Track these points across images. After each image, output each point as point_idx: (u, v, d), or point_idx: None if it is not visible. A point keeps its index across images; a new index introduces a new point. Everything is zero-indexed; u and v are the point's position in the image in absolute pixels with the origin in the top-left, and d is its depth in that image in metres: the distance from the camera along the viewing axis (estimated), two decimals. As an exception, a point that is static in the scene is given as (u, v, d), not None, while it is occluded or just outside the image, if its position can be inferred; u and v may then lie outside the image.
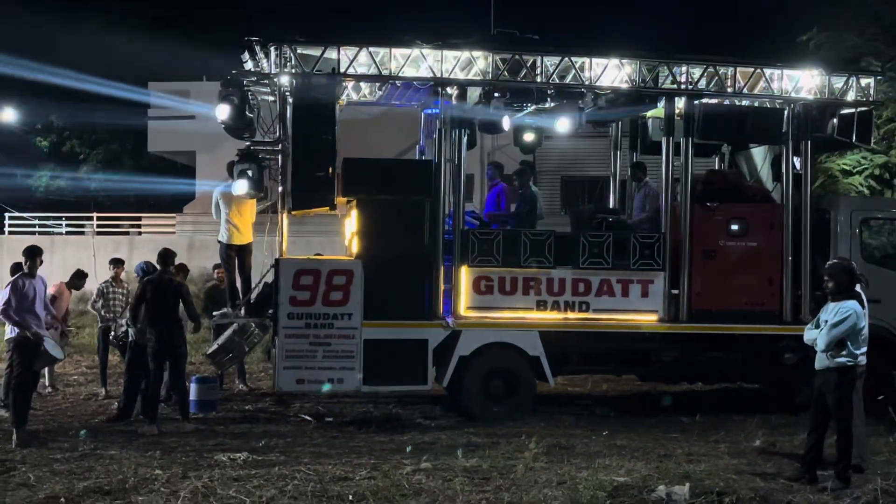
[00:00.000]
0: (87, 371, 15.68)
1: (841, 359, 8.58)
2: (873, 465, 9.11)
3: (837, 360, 8.59)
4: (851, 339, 8.55)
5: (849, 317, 8.51)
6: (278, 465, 8.81)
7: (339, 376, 11.30)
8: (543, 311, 11.87)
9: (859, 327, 8.56)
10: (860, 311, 8.60)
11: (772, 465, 9.22)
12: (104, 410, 12.16)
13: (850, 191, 17.74)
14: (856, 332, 8.54)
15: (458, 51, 11.67)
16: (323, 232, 21.21)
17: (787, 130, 12.50)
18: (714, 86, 12.32)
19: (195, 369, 14.56)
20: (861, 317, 8.59)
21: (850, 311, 8.53)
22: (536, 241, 11.86)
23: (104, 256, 17.11)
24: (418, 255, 11.62)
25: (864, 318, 8.62)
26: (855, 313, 8.53)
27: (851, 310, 8.54)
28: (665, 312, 12.06)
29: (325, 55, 11.35)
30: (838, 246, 12.58)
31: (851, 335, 8.54)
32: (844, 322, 8.50)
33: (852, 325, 8.51)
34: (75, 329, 17.04)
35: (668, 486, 8.05)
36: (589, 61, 11.93)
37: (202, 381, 12.28)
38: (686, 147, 12.23)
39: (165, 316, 11.21)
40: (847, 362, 8.57)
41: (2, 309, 10.30)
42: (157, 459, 9.13)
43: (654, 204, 12.98)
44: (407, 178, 11.95)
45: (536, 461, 8.97)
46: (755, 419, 11.25)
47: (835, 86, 12.51)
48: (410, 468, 8.73)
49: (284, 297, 11.23)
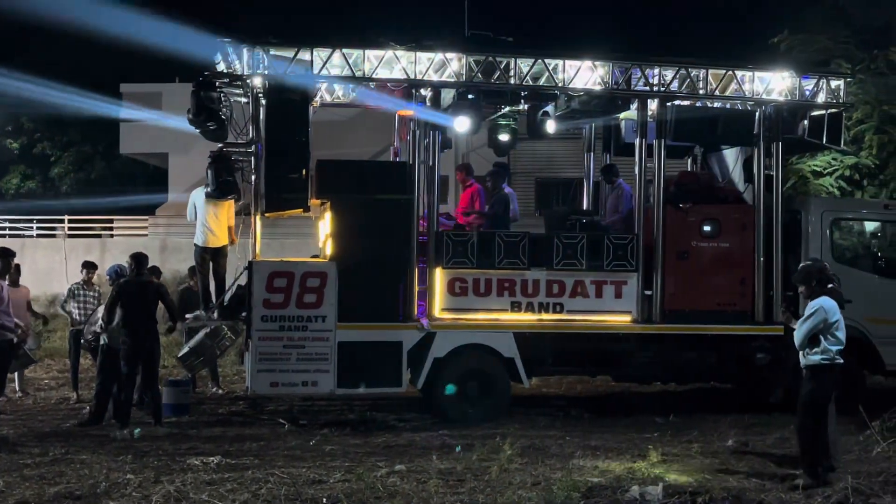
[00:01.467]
0: (59, 375, 15.54)
1: (815, 356, 8.64)
2: (844, 463, 9.18)
3: (811, 357, 8.67)
4: (825, 334, 8.61)
5: (817, 311, 8.59)
6: (252, 469, 8.76)
7: (313, 379, 11.25)
8: (518, 312, 11.89)
9: (831, 322, 8.61)
10: (829, 307, 8.65)
11: (744, 465, 9.28)
12: (75, 415, 12.05)
13: (821, 192, 17.92)
14: (828, 326, 8.61)
15: (432, 52, 11.67)
16: (297, 234, 21.12)
17: (759, 132, 12.59)
18: (686, 88, 12.40)
19: (168, 373, 14.45)
20: (831, 312, 8.63)
21: (818, 305, 8.61)
22: (511, 242, 11.87)
23: (75, 259, 17.00)
24: (392, 257, 11.60)
25: (836, 313, 8.67)
26: (823, 308, 8.60)
27: (819, 305, 8.61)
28: (638, 313, 12.11)
29: (298, 56, 11.31)
30: (809, 246, 12.70)
31: (824, 330, 8.60)
32: (813, 316, 8.59)
33: (822, 319, 8.57)
34: (45, 332, 16.88)
35: (642, 486, 8.09)
36: (562, 63, 11.97)
37: (175, 385, 12.20)
38: (659, 149, 12.30)
39: (141, 318, 11.11)
40: (822, 360, 8.63)
41: None
42: (129, 464, 9.04)
43: (627, 205, 13.05)
44: (381, 179, 11.94)
45: (511, 462, 8.98)
46: (728, 419, 11.34)
47: (805, 88, 12.63)
48: (385, 471, 8.71)
49: (258, 300, 11.18)
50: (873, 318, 12.65)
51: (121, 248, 24.36)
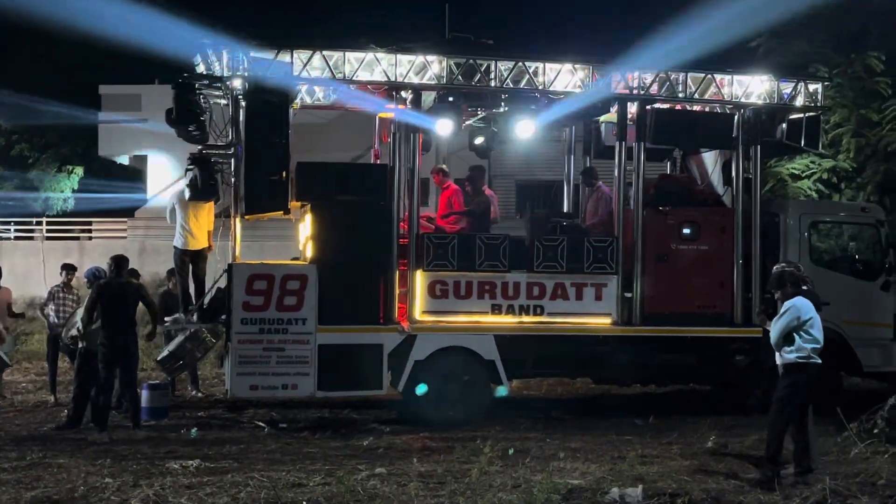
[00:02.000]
0: (37, 378, 15.41)
1: (791, 355, 8.73)
2: (822, 465, 9.24)
3: (787, 355, 8.75)
4: (799, 332, 8.68)
5: (789, 309, 8.70)
6: (231, 472, 8.74)
7: (293, 382, 11.22)
8: (498, 314, 11.90)
9: (804, 319, 8.68)
10: (802, 305, 8.71)
11: (724, 466, 9.33)
12: (53, 418, 11.96)
13: (799, 195, 18.02)
14: (801, 324, 8.67)
15: (413, 55, 11.67)
16: (277, 236, 21.04)
17: (738, 135, 12.66)
18: (666, 91, 12.46)
19: (147, 376, 14.37)
20: (804, 310, 8.70)
21: (791, 305, 8.71)
22: (491, 245, 11.88)
23: (54, 262, 16.88)
24: (373, 259, 11.59)
25: (809, 311, 8.73)
26: (795, 306, 8.68)
27: (792, 303, 8.71)
28: (618, 315, 12.15)
29: (278, 58, 11.28)
30: (787, 249, 12.79)
31: (798, 328, 8.67)
32: (786, 314, 8.69)
33: (795, 316, 8.66)
34: (23, 335, 16.75)
35: (622, 487, 8.12)
36: (542, 66, 12.00)
37: (154, 388, 12.14)
38: (638, 151, 12.35)
39: (120, 321, 11.03)
40: (798, 358, 8.70)
41: None
42: (108, 467, 9.00)
43: (607, 208, 13.09)
44: (361, 182, 11.92)
45: (491, 465, 8.99)
46: (707, 421, 11.38)
47: (784, 91, 12.71)
48: (365, 473, 8.71)
49: (238, 303, 11.14)
50: (851, 321, 12.77)
51: (99, 250, 24.20)
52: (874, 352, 13.00)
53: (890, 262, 13.16)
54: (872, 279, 13.15)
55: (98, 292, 11.05)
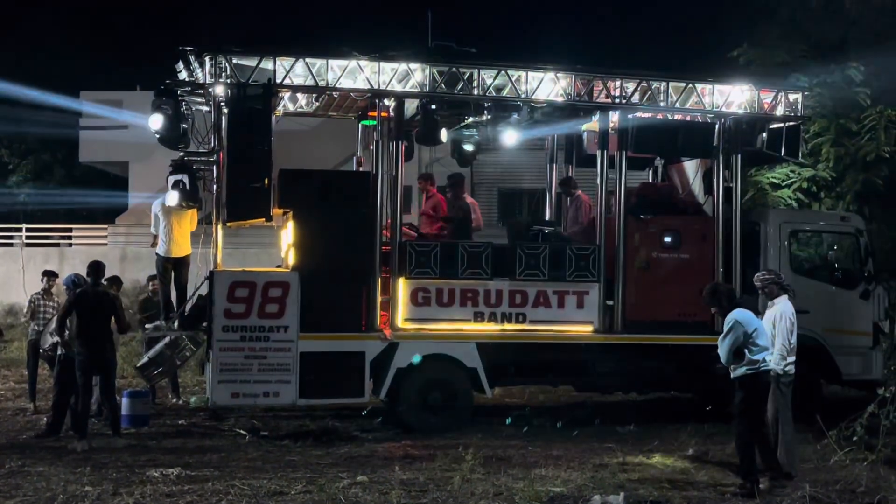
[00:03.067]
0: (16, 386, 15.30)
1: (742, 368, 8.80)
2: (802, 472, 9.30)
3: (739, 370, 8.82)
4: (747, 346, 8.73)
5: (733, 326, 8.74)
6: (212, 481, 8.69)
7: (274, 389, 11.19)
8: (481, 322, 11.91)
9: (749, 332, 8.72)
10: (744, 318, 8.75)
11: (704, 474, 9.36)
12: (32, 426, 11.87)
13: (779, 203, 18.14)
14: (748, 337, 8.72)
15: (396, 63, 11.69)
16: (259, 244, 21.02)
17: (718, 144, 12.74)
18: (647, 100, 12.54)
19: (126, 383, 14.30)
20: (747, 322, 8.74)
21: (733, 320, 8.76)
22: (474, 252, 11.90)
23: (34, 269, 16.78)
24: (355, 266, 11.58)
25: (752, 322, 8.78)
26: (738, 321, 8.73)
27: (733, 319, 8.76)
28: (600, 323, 12.19)
29: (260, 65, 11.28)
30: (767, 257, 12.85)
31: (745, 342, 8.72)
32: (732, 331, 8.73)
33: (740, 332, 8.70)
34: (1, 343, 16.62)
35: (604, 495, 8.15)
36: (525, 75, 12.05)
37: (134, 396, 12.07)
38: (620, 160, 12.40)
39: (97, 329, 10.94)
40: (748, 371, 8.77)
41: None
42: (87, 476, 8.93)
43: (588, 215, 13.14)
44: (344, 189, 11.91)
45: (473, 473, 8.99)
46: (688, 428, 11.42)
47: (764, 101, 12.82)
48: (347, 482, 8.69)
49: (219, 310, 11.10)
50: (830, 329, 12.85)
51: (80, 257, 24.01)
52: (854, 360, 13.09)
53: (869, 271, 13.26)
54: (852, 288, 13.23)
55: (74, 300, 10.97)
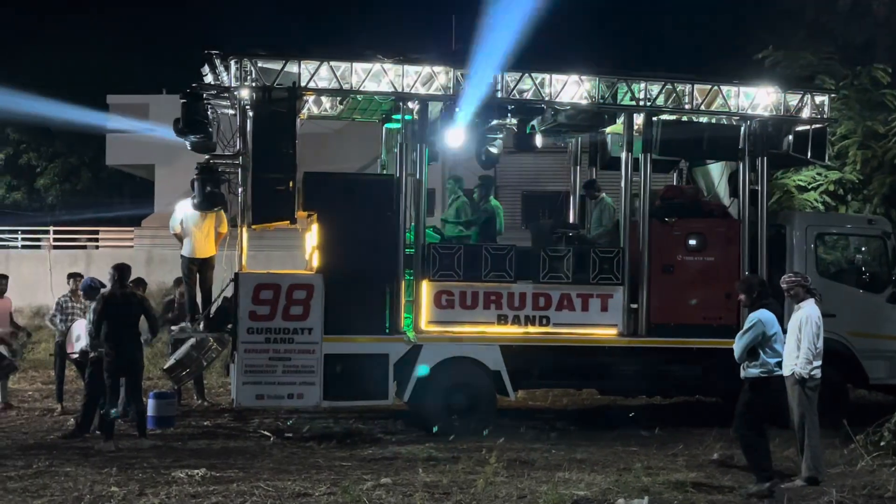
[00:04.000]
0: (43, 387, 15.45)
1: (754, 370, 8.77)
2: (829, 477, 9.23)
3: (750, 370, 8.80)
4: (763, 347, 8.69)
5: (755, 324, 8.71)
6: (237, 482, 8.74)
7: (299, 391, 11.24)
8: (504, 325, 11.90)
9: (769, 334, 8.68)
10: (767, 319, 8.72)
11: (729, 479, 9.31)
12: (60, 427, 11.98)
13: (806, 206, 18.01)
14: (766, 339, 8.68)
15: (420, 66, 11.71)
16: (283, 246, 21.08)
17: (744, 147, 12.68)
18: (672, 102, 12.49)
19: (153, 385, 14.40)
20: (769, 324, 8.70)
21: (756, 319, 8.73)
22: (497, 255, 11.90)
23: (61, 271, 16.90)
24: (379, 269, 11.60)
25: (773, 326, 8.73)
26: (760, 321, 8.69)
27: (757, 318, 8.72)
28: (624, 326, 12.15)
29: (285, 69, 11.34)
30: (794, 261, 12.76)
31: (763, 343, 8.68)
32: (752, 329, 8.71)
33: (760, 332, 8.68)
34: (29, 344, 16.76)
35: (628, 499, 8.10)
36: (549, 77, 12.04)
37: (160, 397, 12.16)
38: (645, 163, 12.36)
39: (125, 331, 10.98)
40: (761, 373, 8.75)
41: None
42: (114, 476, 8.99)
43: (611, 219, 13.11)
44: (368, 192, 11.95)
45: (497, 476, 8.97)
46: (713, 432, 11.34)
47: (790, 103, 12.73)
48: (370, 484, 8.70)
49: (244, 312, 11.16)
50: (857, 332, 12.74)
51: (106, 259, 24.14)
52: (881, 364, 12.97)
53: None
54: (879, 291, 13.12)
55: (104, 303, 11.02)
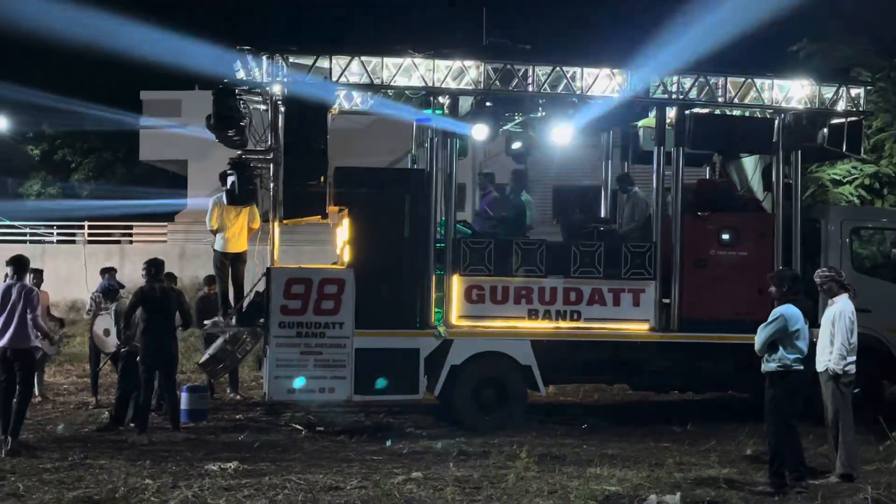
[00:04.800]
0: (78, 380, 15.64)
1: (771, 364, 8.71)
2: (863, 474, 9.13)
3: (768, 364, 8.74)
4: (784, 342, 8.62)
5: (777, 319, 8.64)
6: (269, 475, 8.80)
7: (330, 385, 11.29)
8: (535, 320, 11.88)
9: (791, 330, 8.61)
10: (791, 315, 8.64)
11: (762, 475, 9.21)
12: (94, 419, 12.11)
13: (841, 200, 17.81)
14: (788, 335, 8.60)
15: (450, 60, 11.70)
16: (314, 241, 21.17)
17: (778, 140, 12.54)
18: (705, 95, 12.37)
19: (185, 378, 14.51)
20: (792, 320, 8.62)
21: (779, 313, 8.66)
22: (528, 250, 11.88)
23: (95, 266, 17.07)
24: (410, 264, 11.62)
25: (797, 322, 8.65)
26: (784, 316, 8.62)
27: (780, 313, 8.65)
28: (656, 321, 12.08)
29: (317, 64, 11.37)
30: (828, 255, 12.61)
31: (784, 339, 8.62)
32: (773, 323, 8.64)
33: (781, 327, 8.60)
34: (65, 337, 16.96)
35: (660, 495, 8.06)
36: (580, 71, 11.98)
37: (192, 391, 12.25)
38: (677, 156, 12.27)
39: (161, 325, 11.06)
40: (778, 367, 8.67)
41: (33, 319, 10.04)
42: (148, 469, 9.10)
43: (644, 213, 13.03)
44: (399, 187, 11.95)
45: (528, 470, 8.97)
46: (746, 428, 11.25)
47: (825, 96, 12.58)
48: (401, 478, 8.72)
49: (276, 306, 11.22)
50: (893, 328, 12.56)
51: (140, 254, 24.39)
52: (918, 360, 12.79)
53: (933, 269, 12.96)
54: (916, 286, 12.93)
55: (140, 297, 11.11)
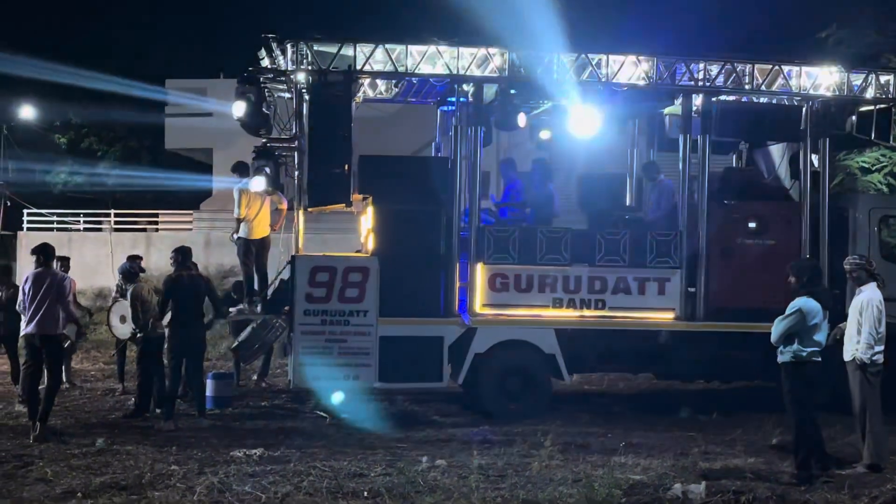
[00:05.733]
0: (105, 367, 15.78)
1: (786, 355, 8.70)
2: (892, 464, 9.05)
3: (783, 355, 8.74)
4: (801, 335, 8.60)
5: (795, 312, 8.62)
6: (293, 462, 8.85)
7: (354, 373, 11.32)
8: (559, 308, 11.84)
9: (809, 325, 8.57)
10: (810, 309, 8.58)
11: (788, 464, 9.16)
12: (121, 406, 12.22)
13: (869, 188, 17.61)
14: (806, 329, 8.57)
15: (475, 48, 11.65)
16: (339, 229, 21.23)
17: (806, 128, 12.42)
18: (732, 83, 12.26)
19: (211, 366, 14.60)
20: (811, 314, 8.56)
21: (797, 307, 8.63)
22: (553, 238, 11.84)
23: (121, 253, 17.20)
24: (434, 252, 11.61)
25: (816, 316, 8.59)
26: (801, 311, 8.58)
27: (799, 306, 8.61)
28: (682, 310, 12.02)
29: (341, 52, 11.36)
30: (856, 244, 12.49)
31: (801, 332, 8.59)
32: (791, 317, 8.63)
33: (798, 320, 8.57)
34: (91, 324, 17.10)
35: (685, 484, 8.03)
36: (606, 58, 11.90)
37: (218, 378, 12.33)
38: (703, 144, 12.18)
39: (191, 312, 11.12)
40: (791, 358, 8.67)
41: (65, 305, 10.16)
42: (174, 455, 9.18)
43: (670, 201, 12.94)
44: (423, 175, 11.95)
45: (552, 459, 8.97)
46: (772, 418, 11.16)
47: (854, 83, 12.44)
48: (426, 465, 8.75)
49: (300, 294, 11.25)
50: (921, 317, 12.41)
51: (166, 242, 24.61)
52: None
53: (964, 258, 12.78)
54: (945, 275, 12.77)
55: (172, 285, 11.15)
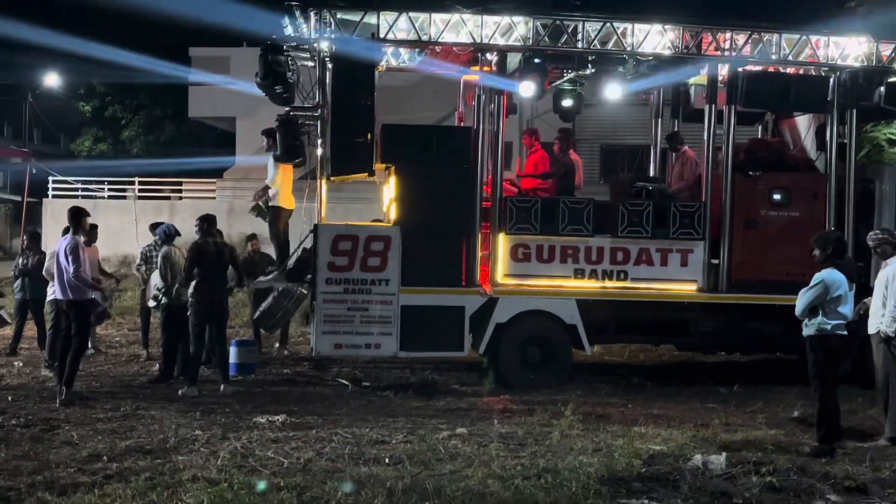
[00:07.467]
0: (129, 333, 15.94)
1: (811, 328, 8.71)
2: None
3: (808, 328, 8.75)
4: (825, 308, 8.59)
5: (817, 284, 8.61)
6: (316, 428, 8.93)
7: (376, 341, 11.38)
8: (581, 279, 11.83)
9: (833, 296, 8.54)
10: (833, 280, 8.56)
11: (810, 437, 9.15)
12: (146, 372, 12.35)
13: (897, 161, 17.41)
14: (829, 301, 8.56)
15: (499, 16, 11.57)
16: (361, 198, 21.25)
17: (833, 99, 12.27)
18: (758, 52, 12.12)
19: (234, 333, 14.71)
20: (834, 286, 8.54)
21: (820, 279, 8.62)
22: (575, 209, 11.80)
23: (145, 221, 17.27)
24: (456, 222, 11.61)
25: (839, 287, 8.56)
26: (825, 282, 8.56)
27: (822, 278, 8.60)
28: (704, 282, 11.97)
29: (364, 20, 11.31)
30: (882, 216, 12.38)
31: (826, 304, 8.58)
32: (814, 289, 8.61)
33: (822, 292, 8.56)
34: (116, 291, 17.25)
35: (705, 455, 8.02)
36: (631, 27, 11.78)
37: (241, 345, 12.41)
38: (729, 115, 12.07)
39: (216, 279, 11.19)
40: (816, 332, 8.67)
41: (75, 272, 10.17)
42: (198, 420, 9.29)
43: (694, 172, 12.86)
44: (445, 144, 11.92)
45: (572, 428, 9.00)
46: (794, 390, 11.15)
47: (883, 53, 12.26)
48: (446, 433, 8.80)
49: (323, 263, 11.31)
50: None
51: (189, 210, 24.71)
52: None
53: None
54: (972, 249, 12.63)
55: (197, 251, 11.21)
